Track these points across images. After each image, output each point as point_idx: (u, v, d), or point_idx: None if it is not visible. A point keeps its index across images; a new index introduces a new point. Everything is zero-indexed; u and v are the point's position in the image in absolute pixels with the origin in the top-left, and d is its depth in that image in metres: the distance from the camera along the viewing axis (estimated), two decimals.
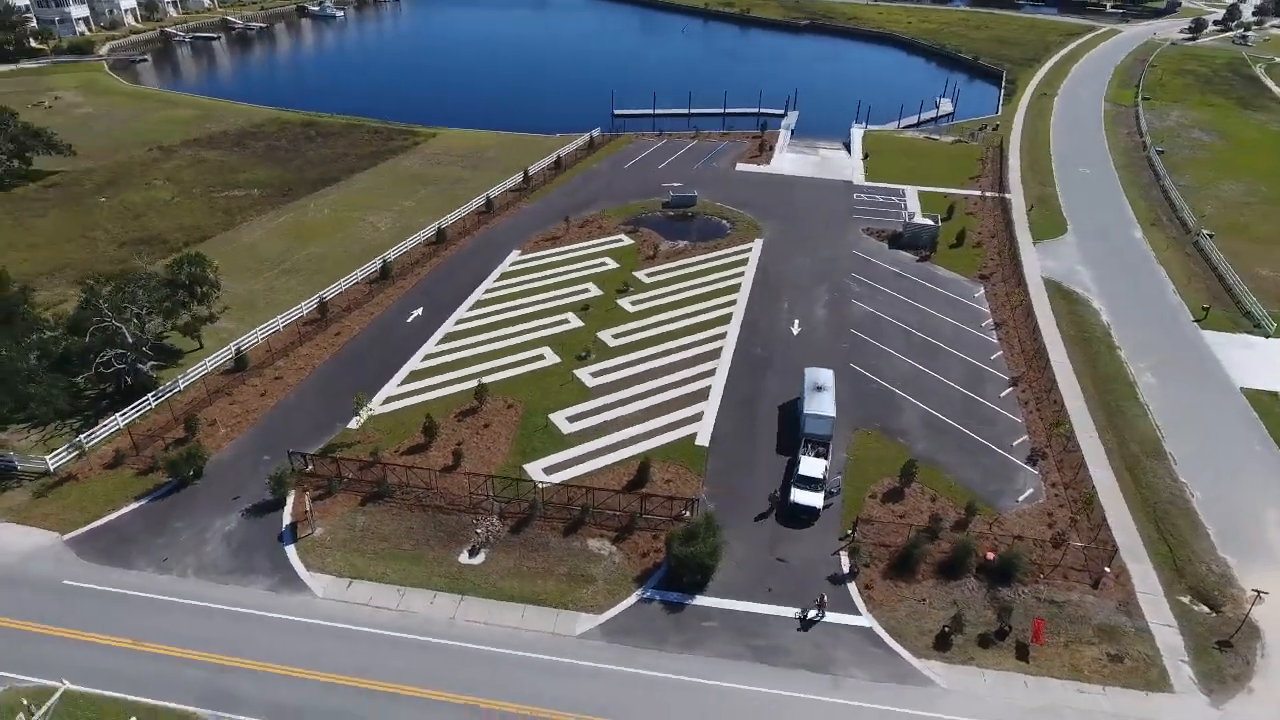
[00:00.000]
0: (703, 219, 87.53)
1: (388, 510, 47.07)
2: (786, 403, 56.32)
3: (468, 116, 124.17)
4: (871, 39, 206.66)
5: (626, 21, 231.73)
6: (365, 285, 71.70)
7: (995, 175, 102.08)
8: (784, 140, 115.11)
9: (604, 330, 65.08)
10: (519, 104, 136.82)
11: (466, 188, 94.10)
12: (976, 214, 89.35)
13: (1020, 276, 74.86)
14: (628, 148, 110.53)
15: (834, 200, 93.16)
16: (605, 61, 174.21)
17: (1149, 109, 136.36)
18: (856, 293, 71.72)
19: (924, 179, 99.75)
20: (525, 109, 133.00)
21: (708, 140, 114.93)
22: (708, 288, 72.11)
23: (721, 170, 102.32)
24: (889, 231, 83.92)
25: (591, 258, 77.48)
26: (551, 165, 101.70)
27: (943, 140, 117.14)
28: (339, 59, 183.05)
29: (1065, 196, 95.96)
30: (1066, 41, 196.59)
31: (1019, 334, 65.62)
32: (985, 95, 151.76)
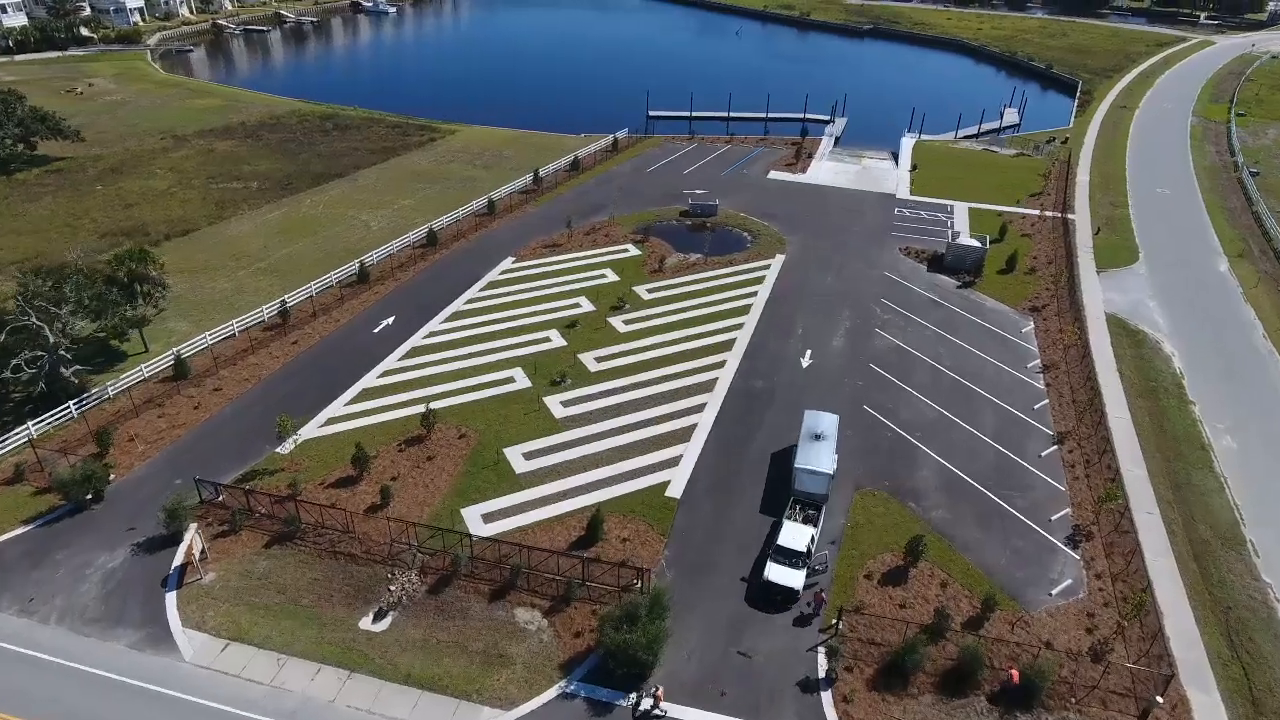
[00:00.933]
0: (722, 230, 79.49)
1: (295, 555, 40.55)
2: (781, 450, 48.00)
3: (497, 114, 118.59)
4: (937, 45, 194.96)
5: (684, 22, 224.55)
6: (338, 290, 65.86)
7: (1059, 193, 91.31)
8: (825, 148, 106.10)
9: (587, 352, 57.74)
10: (553, 102, 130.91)
11: (475, 188, 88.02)
12: (1033, 236, 79.10)
13: (1078, 310, 64.76)
14: (654, 151, 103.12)
15: (871, 214, 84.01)
16: (653, 61, 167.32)
17: (1242, 125, 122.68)
18: (883, 321, 62.77)
19: (976, 195, 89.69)
20: (558, 108, 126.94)
21: (742, 145, 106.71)
22: (714, 308, 64.12)
23: (751, 177, 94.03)
24: (929, 252, 74.53)
25: (591, 269, 70.27)
26: (568, 167, 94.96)
27: (1003, 153, 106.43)
28: (382, 54, 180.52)
29: (1139, 219, 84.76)
30: (1152, 52, 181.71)
31: (1071, 379, 55.81)
32: (1057, 107, 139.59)
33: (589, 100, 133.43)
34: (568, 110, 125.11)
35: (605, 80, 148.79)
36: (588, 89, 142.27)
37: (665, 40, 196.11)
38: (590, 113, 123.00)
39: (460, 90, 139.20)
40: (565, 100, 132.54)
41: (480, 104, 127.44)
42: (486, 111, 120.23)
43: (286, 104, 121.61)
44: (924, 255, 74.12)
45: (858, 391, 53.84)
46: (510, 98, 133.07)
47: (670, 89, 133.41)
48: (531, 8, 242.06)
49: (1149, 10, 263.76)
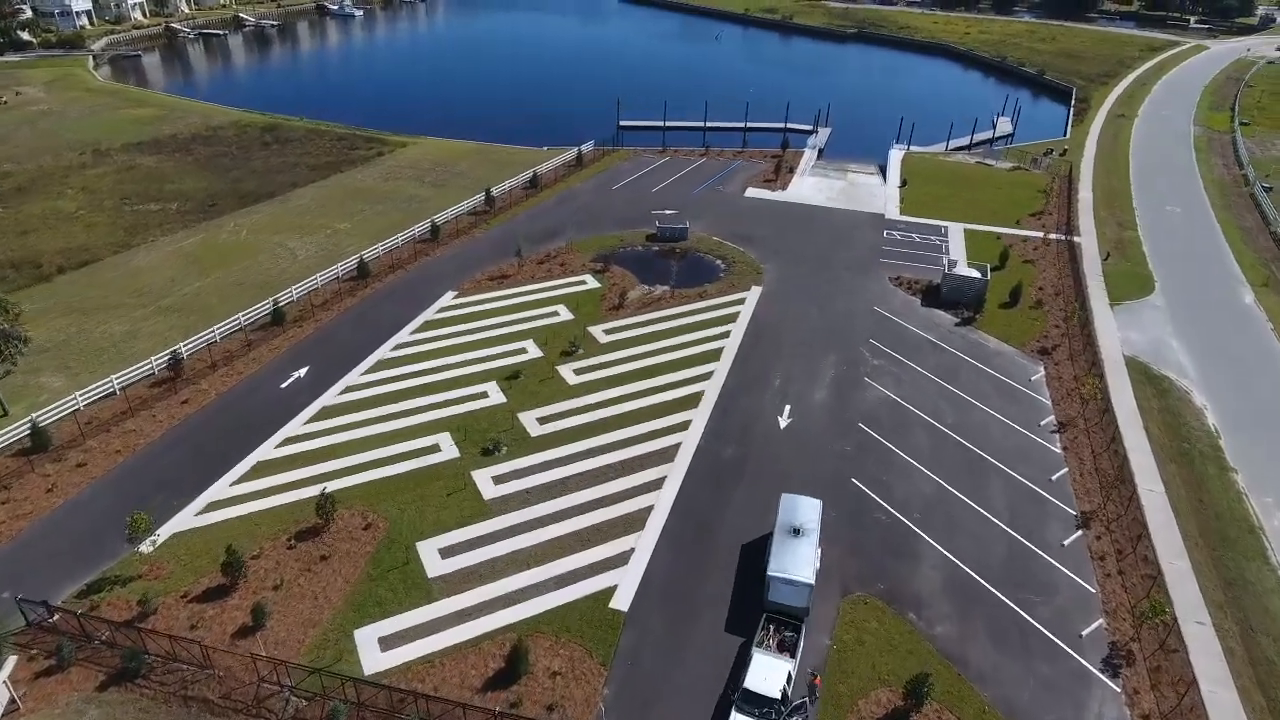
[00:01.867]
0: (693, 256, 71.37)
1: (135, 701, 31.92)
2: (753, 541, 39.82)
3: (456, 125, 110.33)
4: (924, 50, 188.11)
5: (664, 27, 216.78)
6: (245, 334, 57.15)
7: (1062, 212, 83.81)
8: (807, 161, 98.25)
9: (530, 410, 49.36)
10: (518, 112, 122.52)
11: (421, 208, 79.48)
12: (1036, 262, 71.46)
13: (1094, 352, 57.01)
14: (622, 165, 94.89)
15: (858, 238, 76.10)
16: (627, 68, 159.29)
17: (1248, 135, 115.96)
18: (873, 367, 54.73)
19: (972, 214, 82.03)
20: (523, 118, 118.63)
21: (718, 159, 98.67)
22: (680, 352, 55.90)
23: (727, 195, 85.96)
24: (923, 282, 66.66)
25: (542, 305, 61.92)
26: (526, 184, 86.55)
27: (998, 166, 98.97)
28: (342, 60, 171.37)
29: (1150, 243, 77.32)
30: (1146, 57, 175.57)
31: (1092, 441, 47.96)
32: (1051, 115, 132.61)
33: (557, 110, 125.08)
34: (533, 121, 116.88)
35: (576, 88, 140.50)
36: (557, 98, 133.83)
37: (642, 45, 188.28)
38: (557, 123, 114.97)
39: (420, 99, 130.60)
40: (532, 110, 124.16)
41: (440, 114, 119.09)
42: (445, 123, 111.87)
43: (227, 114, 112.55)
44: (917, 286, 66.23)
45: (845, 460, 45.75)
46: (472, 107, 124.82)
47: (644, 97, 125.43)
48: (507, 11, 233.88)
49: (1137, 14, 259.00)
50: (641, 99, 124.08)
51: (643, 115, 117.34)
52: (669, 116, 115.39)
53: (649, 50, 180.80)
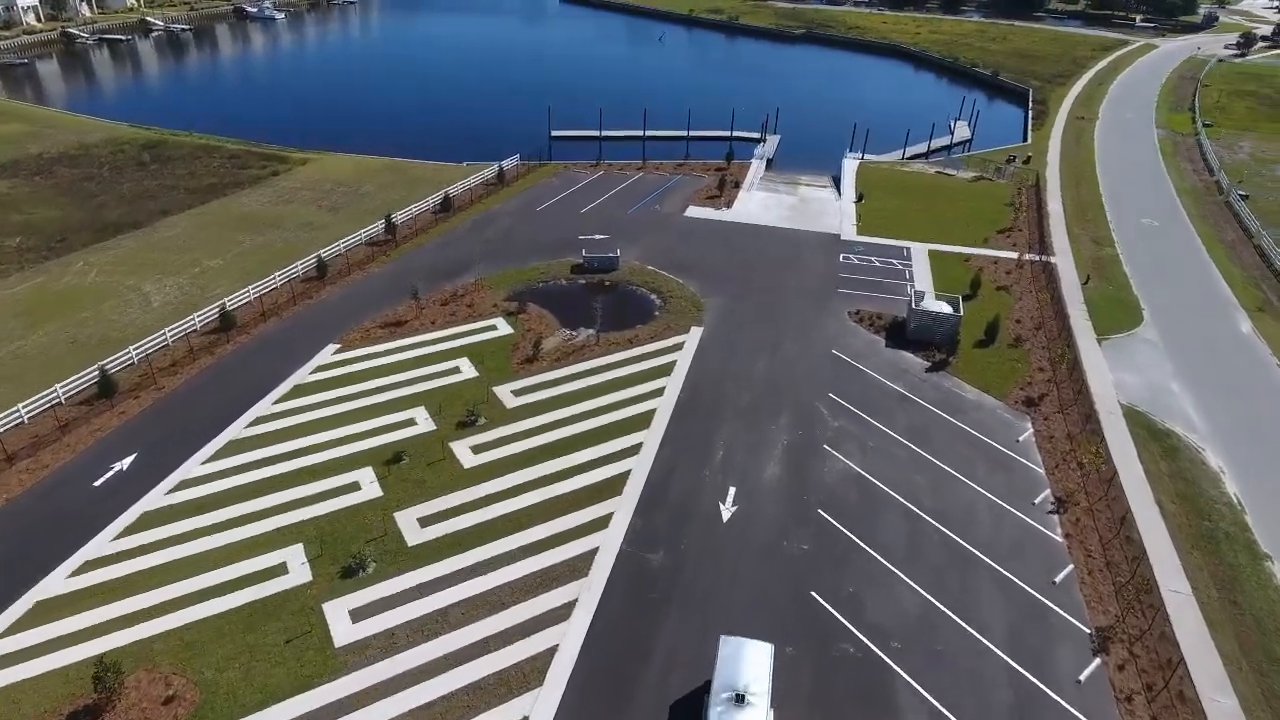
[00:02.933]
0: (624, 291, 61.96)
1: None
2: (685, 698, 30.44)
3: (369, 138, 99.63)
4: (875, 51, 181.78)
5: (605, 29, 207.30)
6: (69, 408, 46.13)
7: (1033, 228, 76.33)
8: (754, 174, 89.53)
9: (410, 508, 39.39)
10: (442, 123, 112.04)
11: (312, 238, 68.76)
12: (1011, 288, 63.54)
13: (1087, 403, 48.95)
14: (550, 182, 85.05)
15: (811, 263, 67.42)
16: (564, 73, 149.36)
17: (1213, 137, 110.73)
18: (834, 431, 45.83)
19: (936, 232, 74.05)
20: (446, 130, 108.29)
21: (657, 173, 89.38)
22: (603, 418, 46.39)
23: (665, 215, 76.68)
24: (887, 317, 58.11)
25: (441, 358, 51.86)
26: (436, 207, 76.22)
27: (959, 176, 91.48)
28: (256, 67, 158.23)
29: (1131, 262, 70.05)
30: (1098, 57, 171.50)
31: (1098, 524, 39.65)
32: (1009, 118, 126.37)
33: (485, 120, 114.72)
34: (457, 133, 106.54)
35: (507, 96, 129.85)
36: (486, 107, 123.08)
37: (580, 49, 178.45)
38: (483, 135, 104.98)
39: (334, 110, 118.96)
40: (456, 121, 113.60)
41: (353, 126, 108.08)
42: (358, 136, 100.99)
43: (106, 129, 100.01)
44: (880, 323, 57.63)
45: (802, 564, 36.63)
46: (391, 118, 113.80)
47: (579, 105, 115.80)
48: (444, 13, 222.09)
49: (1084, 13, 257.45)
50: (577, 107, 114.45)
51: (577, 124, 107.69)
52: (605, 126, 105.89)
53: (587, 53, 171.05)
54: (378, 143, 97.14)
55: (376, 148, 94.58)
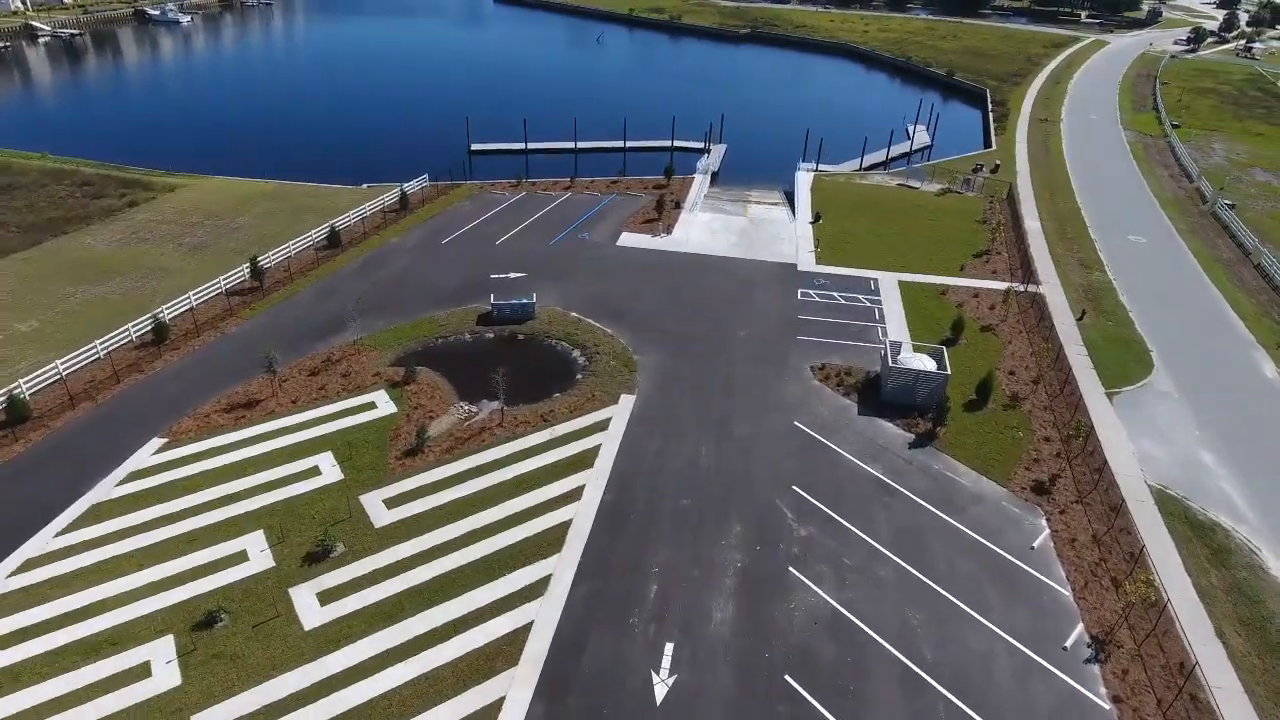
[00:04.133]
0: (541, 346, 51.03)
1: None
2: None
3: (259, 158, 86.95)
4: (823, 50, 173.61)
5: (542, 30, 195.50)
6: None
7: (1012, 249, 67.39)
8: (698, 191, 79.18)
9: (223, 701, 27.87)
10: (347, 138, 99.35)
11: (161, 288, 56.27)
12: (997, 328, 54.19)
13: (1109, 485, 39.52)
14: (462, 207, 73.48)
15: (766, 302, 57.20)
16: (493, 79, 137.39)
17: (1183, 138, 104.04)
18: (801, 544, 35.53)
19: (905, 258, 64.62)
20: (352, 146, 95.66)
21: (587, 192, 78.38)
22: (501, 538, 35.39)
23: (595, 246, 65.79)
24: (858, 373, 48.17)
25: (297, 455, 40.26)
26: (320, 243, 64.15)
27: (924, 189, 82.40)
28: (146, 77, 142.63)
29: (1126, 290, 61.39)
30: (1051, 54, 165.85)
31: (1152, 677, 29.97)
32: (968, 121, 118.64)
33: (398, 134, 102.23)
34: (362, 149, 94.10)
35: (425, 106, 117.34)
36: (399, 119, 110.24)
37: (511, 52, 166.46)
38: (394, 151, 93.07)
39: (226, 124, 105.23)
40: (364, 135, 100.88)
41: (243, 143, 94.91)
42: (246, 154, 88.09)
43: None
44: (850, 381, 47.60)
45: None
46: (290, 133, 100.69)
47: (507, 114, 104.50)
48: (368, 15, 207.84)
49: (1029, 10, 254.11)
50: (504, 116, 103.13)
51: (500, 136, 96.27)
52: (532, 138, 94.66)
53: (518, 57, 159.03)
54: (268, 163, 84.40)
55: (265, 169, 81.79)
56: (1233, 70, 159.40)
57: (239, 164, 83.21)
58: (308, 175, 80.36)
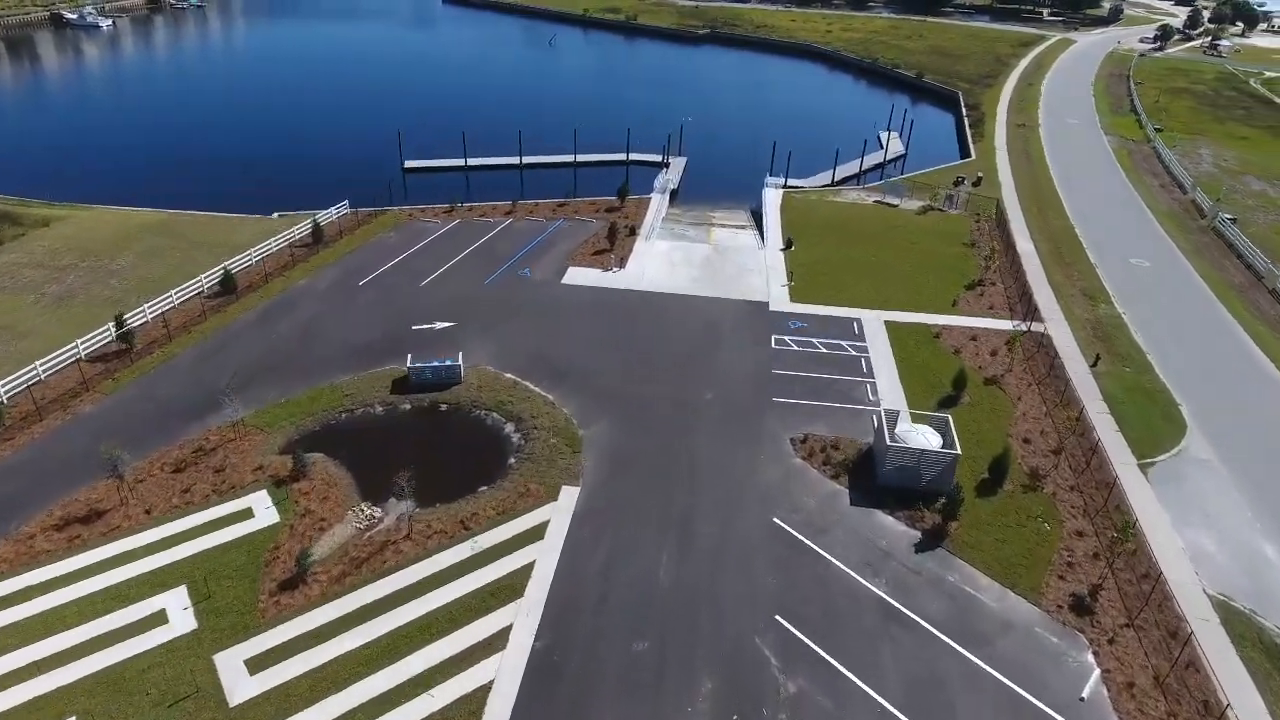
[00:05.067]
0: (466, 419, 42.41)
1: None
2: None
3: (161, 182, 77.25)
4: (786, 51, 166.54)
5: (492, 32, 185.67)
6: None
7: (1007, 278, 60.20)
8: (655, 213, 70.89)
9: None
10: (267, 158, 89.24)
11: (9, 353, 46.45)
12: (1005, 380, 46.74)
13: (1164, 601, 32.05)
14: (386, 239, 64.32)
15: (735, 354, 49.09)
16: (434, 87, 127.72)
17: (1168, 143, 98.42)
18: (789, 704, 27.43)
19: (890, 292, 57.07)
20: (268, 168, 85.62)
21: (530, 218, 69.61)
22: (404, 708, 26.78)
23: (537, 285, 57.13)
24: (847, 447, 40.31)
25: (138, 593, 31.11)
26: (212, 290, 54.60)
27: (904, 207, 75.10)
28: (51, 88, 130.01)
29: (1139, 327, 54.41)
30: (1019, 53, 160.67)
31: None
32: (941, 126, 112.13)
33: (324, 152, 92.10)
34: (279, 170, 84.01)
35: (359, 118, 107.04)
36: (328, 134, 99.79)
37: (457, 56, 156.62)
38: (318, 172, 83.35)
39: (126, 143, 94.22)
40: (285, 154, 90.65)
41: (143, 165, 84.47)
42: (139, 179, 78.09)
43: None
44: (839, 456, 39.69)
45: None
46: (203, 151, 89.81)
47: (445, 126, 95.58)
48: (308, 19, 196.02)
49: (991, 8, 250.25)
50: (443, 127, 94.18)
51: (438, 152, 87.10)
52: (473, 153, 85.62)
53: (465, 62, 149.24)
54: (168, 188, 74.36)
55: (160, 196, 71.63)
56: (1204, 69, 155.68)
57: (130, 190, 73.11)
58: (210, 203, 70.39)
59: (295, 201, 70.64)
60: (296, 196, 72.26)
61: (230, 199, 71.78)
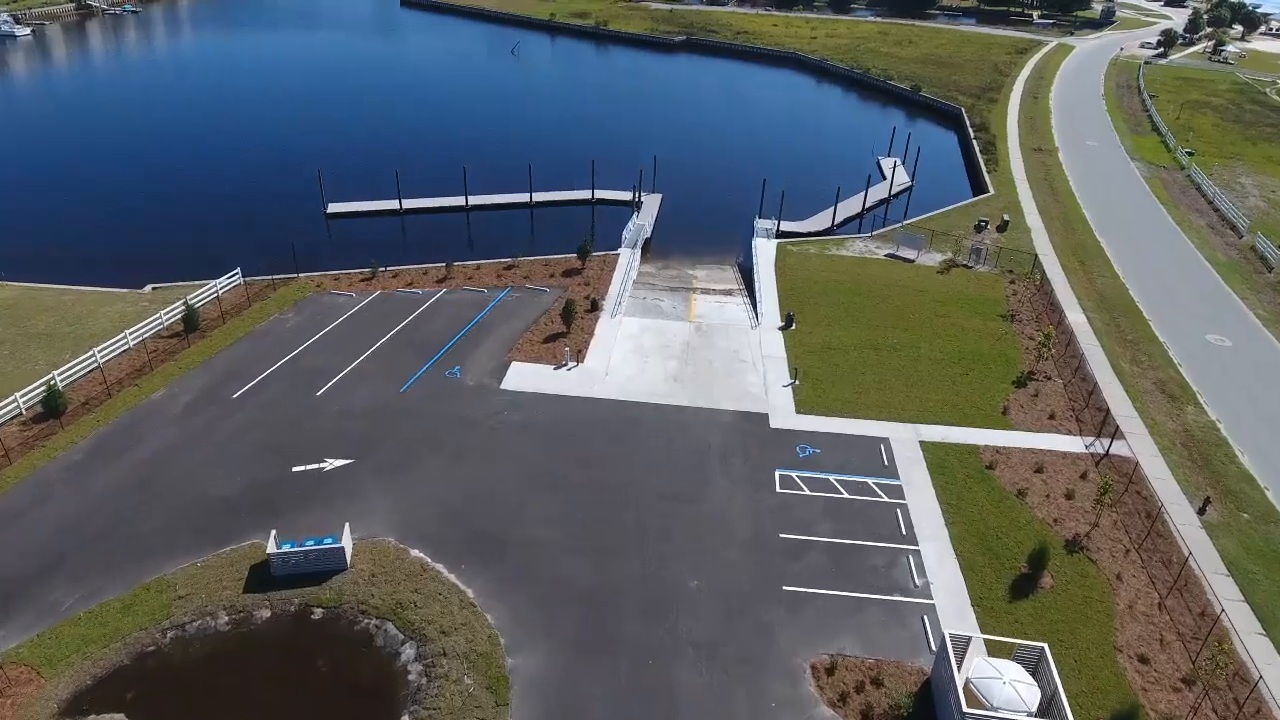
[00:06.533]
0: (346, 638, 29.46)
1: None
2: None
3: (23, 240, 63.73)
4: (768, 60, 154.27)
5: (452, 42, 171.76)
6: None
7: (1064, 368, 48.04)
8: (624, 278, 58.04)
9: None
10: (154, 206, 75.08)
11: None
12: (1092, 542, 34.52)
13: None
14: (282, 321, 50.88)
15: (727, 510, 36.26)
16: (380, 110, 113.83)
17: (1203, 169, 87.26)
18: None
19: (922, 390, 44.81)
20: (157, 218, 71.61)
21: (469, 286, 56.24)
22: None
23: (468, 392, 44.06)
24: (894, 680, 27.88)
25: None
26: (33, 409, 40.99)
27: (921, 262, 62.91)
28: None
29: (1243, 442, 42.36)
30: (1018, 61, 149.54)
31: None
32: (943, 147, 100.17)
33: (229, 194, 77.22)
34: (170, 223, 69.20)
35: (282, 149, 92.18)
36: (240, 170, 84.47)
37: (405, 69, 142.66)
38: (215, 223, 69.44)
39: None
40: (177, 198, 75.31)
41: (5, 218, 70.10)
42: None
43: None
44: (885, 702, 27.23)
45: None
46: (58, 199, 74.04)
47: (380, 157, 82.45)
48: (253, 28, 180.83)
49: (978, 10, 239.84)
50: (376, 160, 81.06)
51: (366, 193, 73.77)
52: (412, 192, 72.42)
53: (415, 78, 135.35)
54: (30, 249, 60.80)
55: (21, 262, 57.83)
56: (1215, 79, 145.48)
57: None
58: (78, 271, 56.73)
59: (182, 264, 57.28)
60: (183, 258, 59.02)
61: (102, 265, 58.15)
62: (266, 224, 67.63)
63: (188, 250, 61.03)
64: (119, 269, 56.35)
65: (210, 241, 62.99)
